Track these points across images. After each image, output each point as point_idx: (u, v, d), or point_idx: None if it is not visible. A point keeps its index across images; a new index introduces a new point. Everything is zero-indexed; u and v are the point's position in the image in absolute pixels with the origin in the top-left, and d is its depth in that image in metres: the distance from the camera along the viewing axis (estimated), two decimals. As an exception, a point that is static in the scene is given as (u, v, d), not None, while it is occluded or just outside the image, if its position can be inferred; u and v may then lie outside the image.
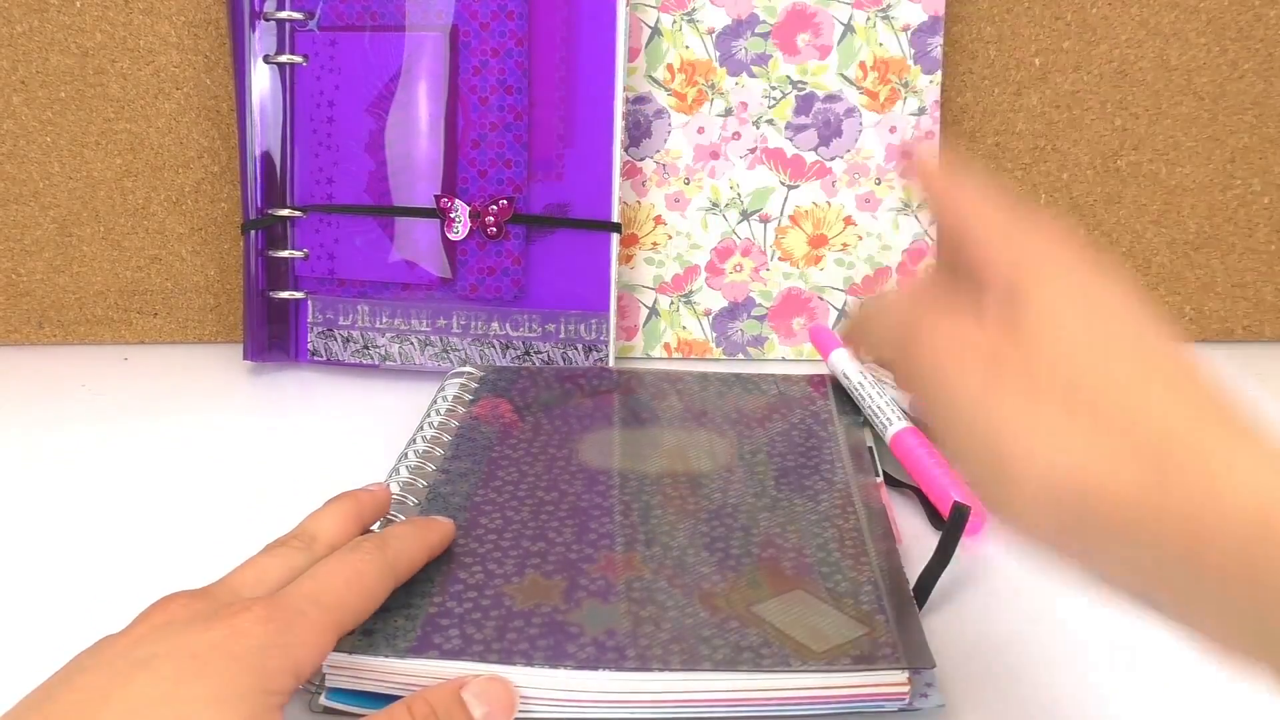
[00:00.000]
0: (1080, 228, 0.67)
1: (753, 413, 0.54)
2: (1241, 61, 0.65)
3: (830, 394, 0.56)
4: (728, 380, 0.58)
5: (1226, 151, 0.66)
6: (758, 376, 0.59)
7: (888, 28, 0.64)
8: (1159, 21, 0.65)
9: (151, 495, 0.52)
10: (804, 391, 0.57)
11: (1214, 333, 0.69)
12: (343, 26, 0.62)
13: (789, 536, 0.43)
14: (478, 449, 0.49)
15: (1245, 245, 0.68)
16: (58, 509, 0.51)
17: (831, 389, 0.57)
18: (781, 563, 0.41)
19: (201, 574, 0.35)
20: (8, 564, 0.47)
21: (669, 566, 0.41)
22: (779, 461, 0.49)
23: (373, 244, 0.63)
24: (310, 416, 0.60)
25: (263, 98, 0.63)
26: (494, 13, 0.61)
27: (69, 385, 0.64)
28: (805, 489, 0.47)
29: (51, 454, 0.56)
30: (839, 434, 0.52)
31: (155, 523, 0.50)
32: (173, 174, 0.67)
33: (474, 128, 0.61)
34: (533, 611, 0.37)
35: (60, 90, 0.65)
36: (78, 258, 0.68)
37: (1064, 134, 0.66)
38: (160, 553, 0.48)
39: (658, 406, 0.55)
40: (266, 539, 0.37)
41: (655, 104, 0.65)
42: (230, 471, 0.54)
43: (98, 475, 0.54)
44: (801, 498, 0.46)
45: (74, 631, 0.35)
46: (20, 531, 0.49)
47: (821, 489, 0.47)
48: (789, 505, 0.45)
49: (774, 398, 0.56)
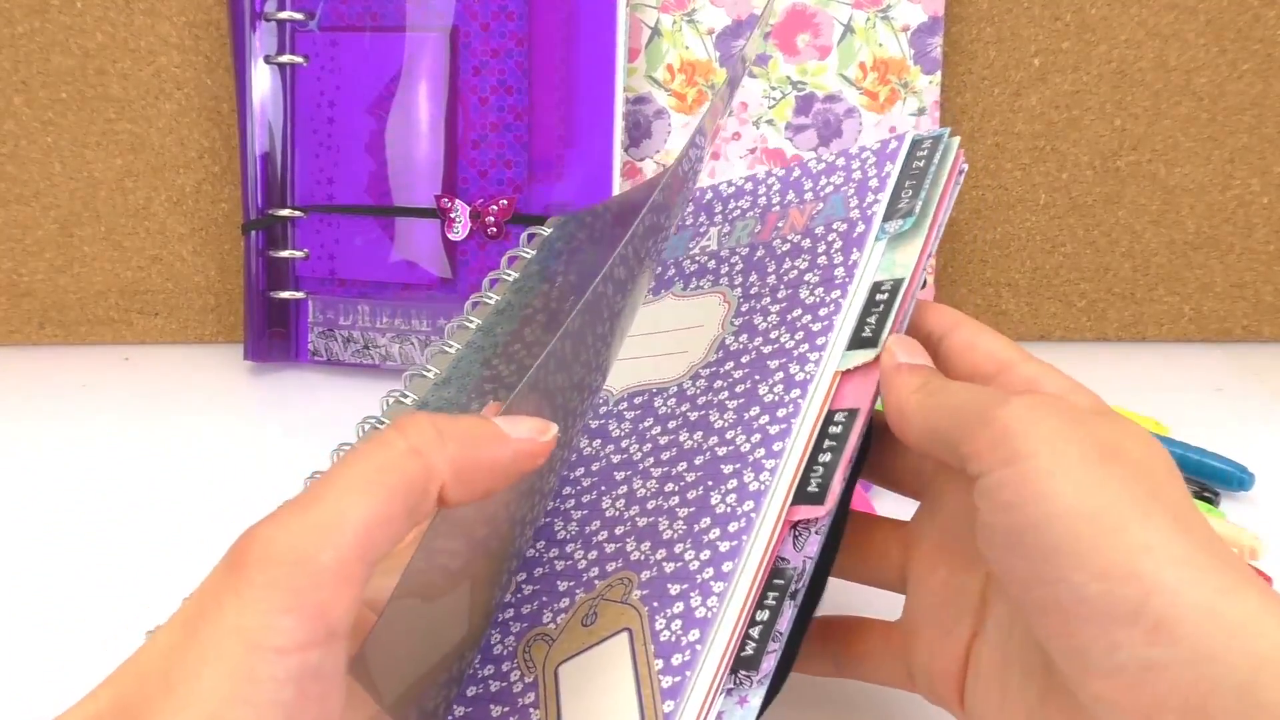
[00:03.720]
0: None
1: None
2: (1240, 62, 0.65)
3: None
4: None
5: (1225, 152, 0.67)
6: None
7: (887, 28, 0.64)
8: (1158, 22, 0.65)
9: (152, 495, 0.52)
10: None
11: (1213, 333, 0.70)
12: (343, 27, 0.62)
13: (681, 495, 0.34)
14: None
15: (1244, 245, 0.68)
16: (58, 509, 0.51)
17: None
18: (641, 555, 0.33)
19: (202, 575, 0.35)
20: (8, 564, 0.47)
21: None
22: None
23: (373, 244, 0.63)
24: (310, 416, 0.61)
25: (263, 98, 0.63)
26: (494, 13, 0.61)
27: (70, 385, 0.64)
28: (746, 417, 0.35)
29: (52, 454, 0.56)
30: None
31: (155, 523, 0.50)
32: (173, 174, 0.67)
33: (474, 128, 0.61)
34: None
35: (61, 91, 0.66)
36: (79, 258, 0.68)
37: (1063, 134, 0.67)
38: (161, 553, 0.48)
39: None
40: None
41: (655, 104, 0.65)
42: (230, 471, 0.54)
43: (98, 475, 0.54)
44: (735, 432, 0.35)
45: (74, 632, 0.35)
46: (21, 531, 0.50)
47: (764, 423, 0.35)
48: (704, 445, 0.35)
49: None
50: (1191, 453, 0.53)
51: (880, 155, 0.40)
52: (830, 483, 0.32)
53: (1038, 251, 0.68)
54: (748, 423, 0.35)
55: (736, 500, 0.33)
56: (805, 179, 0.42)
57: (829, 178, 0.41)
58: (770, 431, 0.34)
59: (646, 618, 0.31)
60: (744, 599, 0.30)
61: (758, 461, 0.33)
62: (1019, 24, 0.65)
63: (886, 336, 0.34)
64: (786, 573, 0.32)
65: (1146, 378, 0.65)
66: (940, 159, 0.39)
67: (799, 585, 0.32)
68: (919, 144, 0.40)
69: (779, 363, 0.36)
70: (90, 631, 0.42)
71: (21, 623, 0.43)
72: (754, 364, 0.37)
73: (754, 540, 0.31)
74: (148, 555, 0.47)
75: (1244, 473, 0.52)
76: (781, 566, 0.32)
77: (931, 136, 0.40)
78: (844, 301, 0.36)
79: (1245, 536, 0.46)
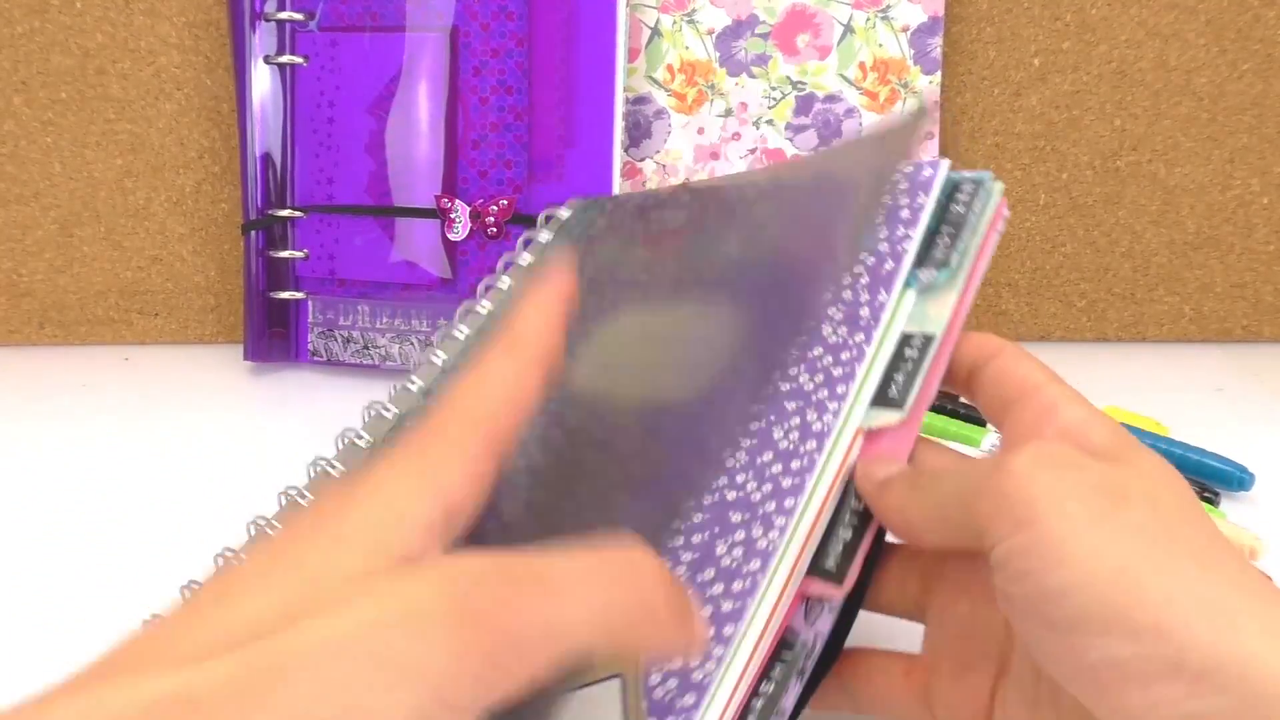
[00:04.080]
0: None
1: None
2: (1240, 62, 0.65)
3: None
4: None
5: (1225, 152, 0.67)
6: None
7: (887, 28, 0.64)
8: (1158, 22, 0.65)
9: (152, 495, 0.52)
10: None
11: (1213, 333, 0.70)
12: (343, 27, 0.62)
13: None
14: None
15: (1244, 245, 0.68)
16: (58, 509, 0.51)
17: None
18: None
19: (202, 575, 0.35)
20: (8, 564, 0.47)
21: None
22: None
23: (373, 244, 0.63)
24: (310, 416, 0.61)
25: (263, 98, 0.63)
26: (494, 13, 0.61)
27: (70, 385, 0.64)
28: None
29: (52, 454, 0.56)
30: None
31: (155, 522, 0.50)
32: (173, 174, 0.67)
33: (474, 128, 0.61)
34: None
35: (61, 91, 0.66)
36: (78, 258, 0.68)
37: (1063, 134, 0.67)
38: (161, 553, 0.48)
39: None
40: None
41: (655, 104, 0.65)
42: (230, 471, 0.54)
43: (98, 475, 0.54)
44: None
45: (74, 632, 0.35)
46: (20, 531, 0.50)
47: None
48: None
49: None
50: (1191, 453, 0.53)
51: (913, 182, 0.37)
52: (850, 566, 0.30)
53: (1038, 251, 0.68)
54: (760, 468, 0.32)
55: (743, 556, 0.30)
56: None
57: None
58: (783, 484, 0.32)
59: (641, 668, 0.28)
60: (743, 666, 0.28)
61: (768, 516, 0.31)
62: (1019, 24, 0.65)
63: (914, 399, 0.32)
64: (795, 646, 0.30)
65: (1146, 378, 0.65)
66: (983, 207, 0.36)
67: (807, 663, 0.30)
68: (959, 186, 0.37)
69: (796, 405, 0.34)
70: (90, 631, 0.42)
71: (22, 623, 0.43)
72: (771, 401, 0.34)
73: (759, 604, 0.29)
74: (148, 555, 0.47)
75: (1244, 473, 0.52)
76: (790, 639, 0.30)
77: (973, 179, 0.37)
78: (868, 349, 0.34)
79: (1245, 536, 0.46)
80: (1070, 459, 0.27)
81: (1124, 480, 0.27)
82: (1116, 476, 0.27)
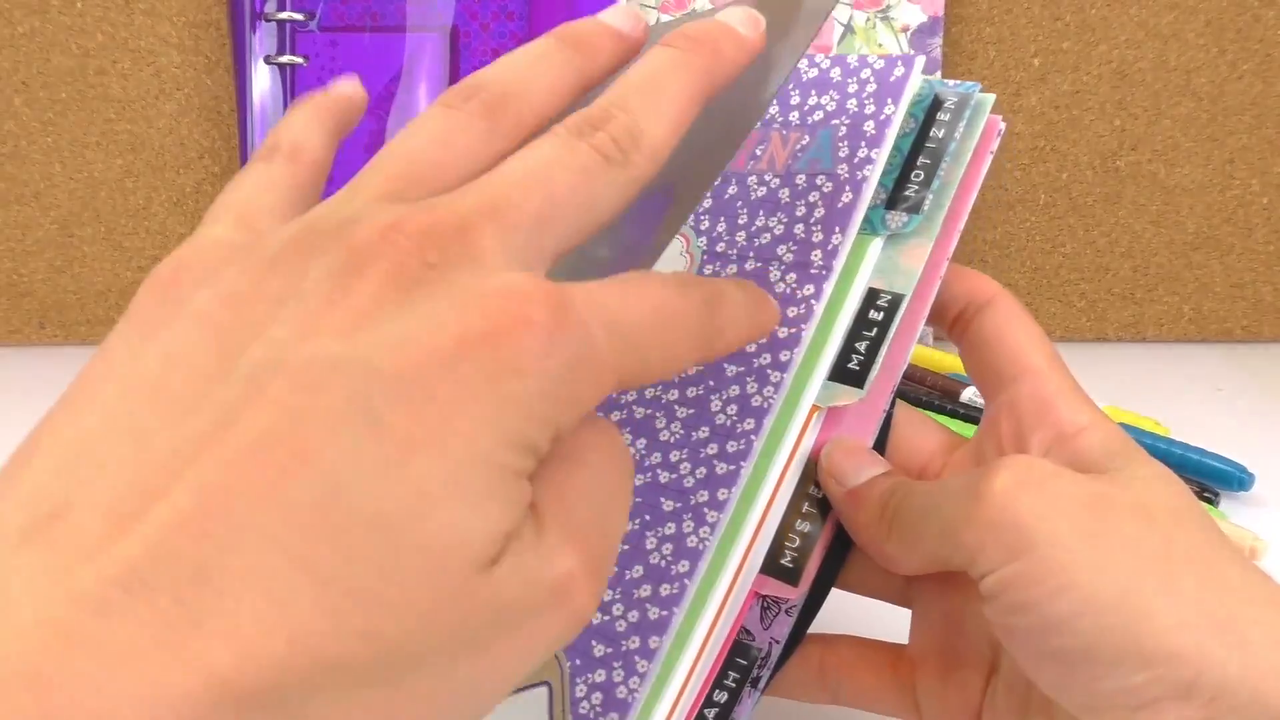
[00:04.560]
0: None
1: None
2: (1240, 62, 0.65)
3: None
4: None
5: (1225, 152, 0.67)
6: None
7: (887, 29, 0.64)
8: (1158, 22, 0.65)
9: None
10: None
11: (1212, 333, 0.70)
12: (343, 27, 0.62)
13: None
14: None
15: (1244, 246, 0.68)
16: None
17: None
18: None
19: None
20: (9, 564, 0.47)
21: None
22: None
23: (373, 244, 0.63)
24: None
25: (263, 98, 0.63)
26: (494, 13, 0.61)
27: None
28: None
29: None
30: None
31: (156, 523, 0.50)
32: (174, 174, 0.67)
33: (474, 128, 0.61)
34: None
35: (61, 91, 0.66)
36: (79, 258, 0.68)
37: (1063, 134, 0.67)
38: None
39: None
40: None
41: (655, 104, 0.65)
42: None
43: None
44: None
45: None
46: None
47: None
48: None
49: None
50: (1191, 453, 0.53)
51: (882, 83, 0.29)
52: (807, 563, 0.27)
53: (1038, 251, 0.68)
54: (694, 446, 0.28)
55: (673, 555, 0.27)
56: (793, 88, 0.32)
57: (819, 96, 0.31)
58: (717, 470, 0.27)
59: (567, 676, 0.25)
60: (685, 676, 0.26)
61: (699, 508, 0.27)
62: (1019, 24, 0.65)
63: (875, 374, 0.28)
64: (751, 652, 0.27)
65: (1146, 378, 0.65)
66: (967, 131, 0.29)
67: (762, 671, 0.27)
68: (941, 101, 0.29)
69: (736, 371, 0.28)
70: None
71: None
72: (710, 367, 0.29)
73: (686, 612, 0.26)
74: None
75: (1244, 473, 0.52)
76: (745, 643, 0.27)
77: (957, 93, 0.30)
78: (817, 305, 0.28)
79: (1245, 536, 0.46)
80: (1054, 476, 0.26)
81: (1112, 494, 0.26)
82: (1105, 490, 0.26)
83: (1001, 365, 0.29)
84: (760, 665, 0.27)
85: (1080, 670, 0.24)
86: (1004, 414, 0.29)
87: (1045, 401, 0.29)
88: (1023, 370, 0.29)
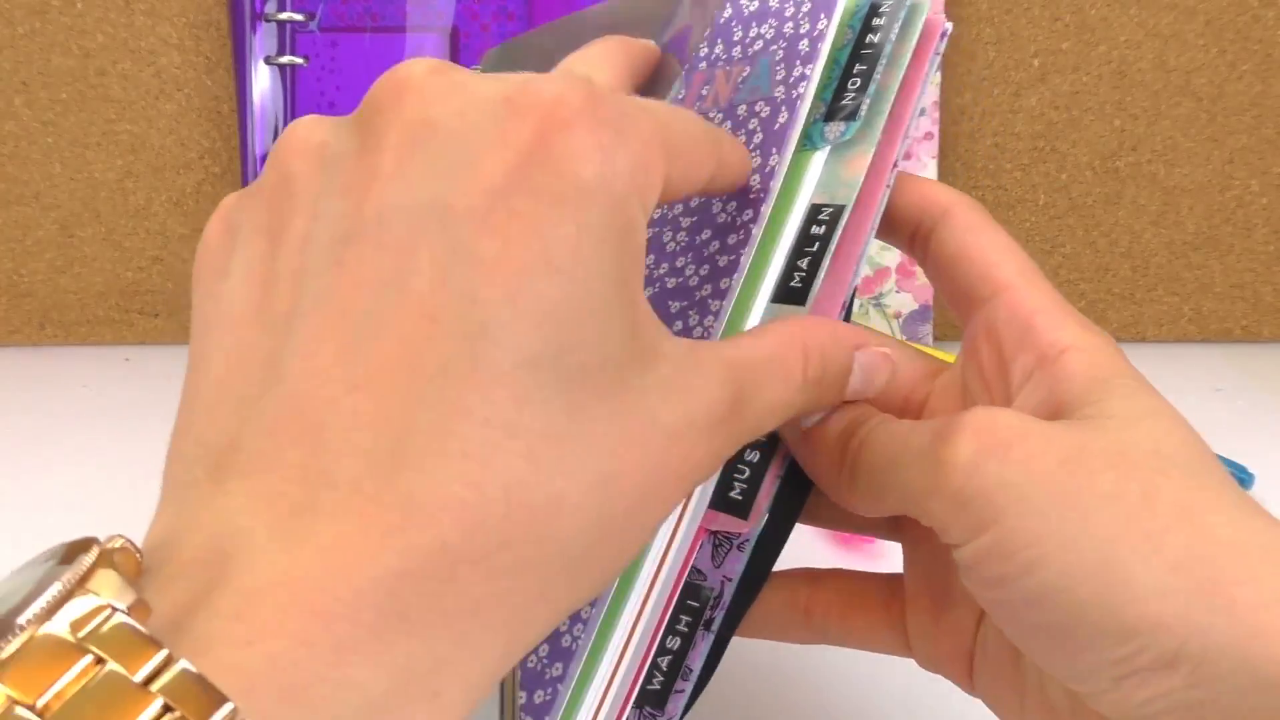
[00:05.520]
0: (1079, 228, 0.68)
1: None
2: (1240, 62, 0.65)
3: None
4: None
5: (1225, 152, 0.67)
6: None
7: (887, 29, 0.64)
8: (1157, 23, 0.65)
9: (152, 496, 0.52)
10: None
11: (1212, 333, 0.70)
12: (343, 28, 0.62)
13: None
14: None
15: (1244, 246, 0.68)
16: (58, 510, 0.51)
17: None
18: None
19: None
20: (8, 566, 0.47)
21: None
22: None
23: (373, 245, 0.63)
24: (311, 417, 0.60)
25: (264, 99, 0.63)
26: (494, 13, 0.61)
27: (70, 386, 0.64)
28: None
29: (52, 455, 0.57)
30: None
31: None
32: (174, 175, 0.67)
33: (474, 129, 0.61)
34: None
35: (61, 91, 0.66)
36: (79, 259, 0.68)
37: (1063, 135, 0.67)
38: (162, 553, 0.48)
39: None
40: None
41: (655, 105, 0.65)
42: (231, 472, 0.54)
43: (99, 476, 0.54)
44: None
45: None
46: (21, 533, 0.50)
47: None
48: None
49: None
50: (1191, 453, 0.53)
51: (816, 1, 0.29)
52: (756, 494, 0.26)
53: (1037, 252, 0.68)
54: None
55: None
56: (736, 24, 0.31)
57: (759, 26, 0.30)
58: None
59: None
60: (630, 625, 0.25)
61: None
62: (1019, 24, 0.65)
63: (817, 289, 0.26)
64: (702, 593, 0.26)
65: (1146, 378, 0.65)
66: (900, 33, 0.27)
67: (715, 613, 0.26)
68: (876, 8, 0.28)
69: (679, 306, 0.27)
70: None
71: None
72: (655, 299, 0.28)
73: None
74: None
75: (1244, 473, 0.52)
76: (697, 584, 0.26)
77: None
78: (755, 229, 0.26)
79: (1245, 536, 0.46)
80: (1021, 437, 0.23)
81: (1088, 442, 0.24)
82: (1080, 440, 0.24)
83: (971, 284, 0.27)
84: (713, 606, 0.26)
85: (1061, 644, 0.23)
86: (982, 338, 0.27)
87: (1023, 321, 0.26)
88: (995, 288, 0.27)
